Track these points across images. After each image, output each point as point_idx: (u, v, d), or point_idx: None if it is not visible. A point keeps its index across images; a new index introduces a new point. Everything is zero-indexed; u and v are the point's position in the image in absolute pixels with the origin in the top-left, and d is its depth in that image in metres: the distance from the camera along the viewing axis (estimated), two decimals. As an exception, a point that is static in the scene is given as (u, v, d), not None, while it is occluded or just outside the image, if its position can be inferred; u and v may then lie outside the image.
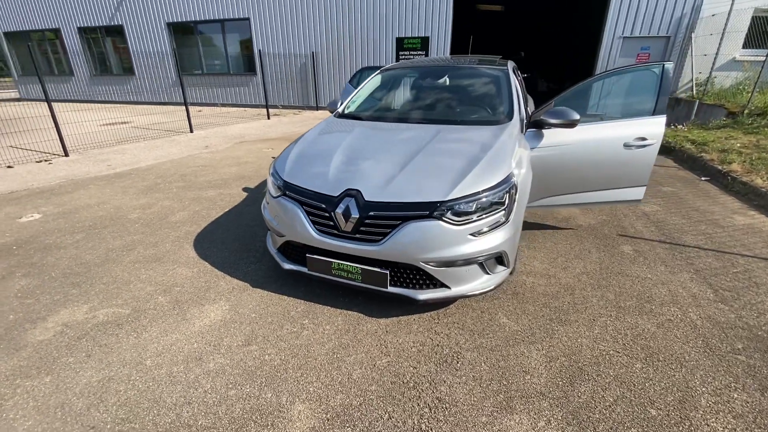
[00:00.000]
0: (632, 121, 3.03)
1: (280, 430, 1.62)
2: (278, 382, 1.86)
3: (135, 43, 14.25)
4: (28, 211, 4.15)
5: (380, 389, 1.81)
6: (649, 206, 4.13)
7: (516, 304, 2.44)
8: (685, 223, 3.69)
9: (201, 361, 2.00)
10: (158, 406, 1.74)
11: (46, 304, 2.50)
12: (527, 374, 1.89)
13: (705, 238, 3.35)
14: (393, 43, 11.84)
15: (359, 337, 2.16)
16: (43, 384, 1.87)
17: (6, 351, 2.09)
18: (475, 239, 2.06)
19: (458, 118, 3.09)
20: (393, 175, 2.21)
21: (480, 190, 2.09)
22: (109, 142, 7.95)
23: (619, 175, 3.11)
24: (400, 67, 3.78)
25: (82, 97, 15.89)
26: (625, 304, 2.44)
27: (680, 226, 3.60)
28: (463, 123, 2.90)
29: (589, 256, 3.06)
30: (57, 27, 14.99)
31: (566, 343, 2.10)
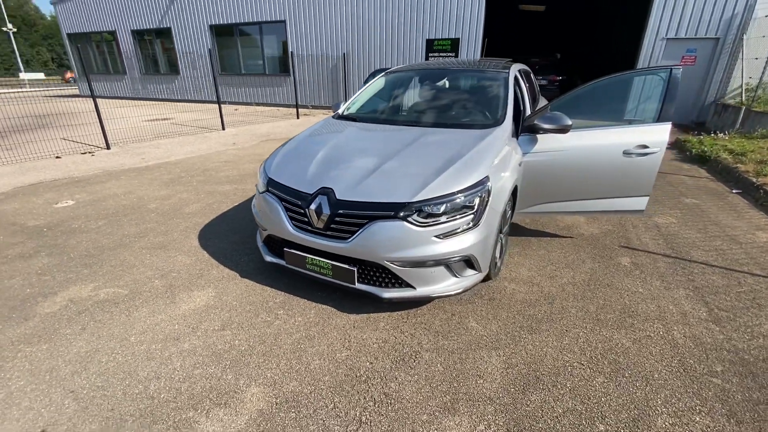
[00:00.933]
0: (633, 127, 2.91)
1: (231, 409, 1.73)
2: (241, 366, 1.98)
3: (181, 44, 15.18)
4: (64, 197, 4.58)
5: (333, 380, 1.88)
6: (664, 218, 3.90)
7: (489, 310, 2.43)
8: (699, 237, 3.46)
9: (178, 341, 2.17)
10: (130, 378, 1.91)
11: (60, 281, 2.78)
12: (481, 378, 1.89)
13: (716, 255, 3.13)
14: (423, 44, 11.84)
15: (326, 330, 2.24)
16: (40, 350, 2.10)
17: (17, 320, 2.35)
18: (440, 241, 2.08)
19: (448, 121, 3.09)
20: (366, 175, 2.27)
21: (448, 193, 2.11)
22: (149, 136, 8.54)
23: (618, 184, 2.99)
24: (404, 70, 3.83)
25: (133, 95, 17.14)
26: (605, 317, 2.35)
27: (692, 241, 3.39)
28: (452, 126, 2.90)
29: (581, 266, 2.96)
30: (113, 29, 16.27)
31: (530, 352, 2.07)
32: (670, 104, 2.84)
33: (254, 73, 14.54)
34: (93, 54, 17.83)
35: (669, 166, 5.95)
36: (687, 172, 5.68)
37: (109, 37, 16.73)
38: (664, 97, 2.86)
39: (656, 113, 2.90)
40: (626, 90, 3.26)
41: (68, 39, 17.73)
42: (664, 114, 2.86)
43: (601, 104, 3.32)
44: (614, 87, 3.14)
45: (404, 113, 3.37)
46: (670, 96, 2.84)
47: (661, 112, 2.87)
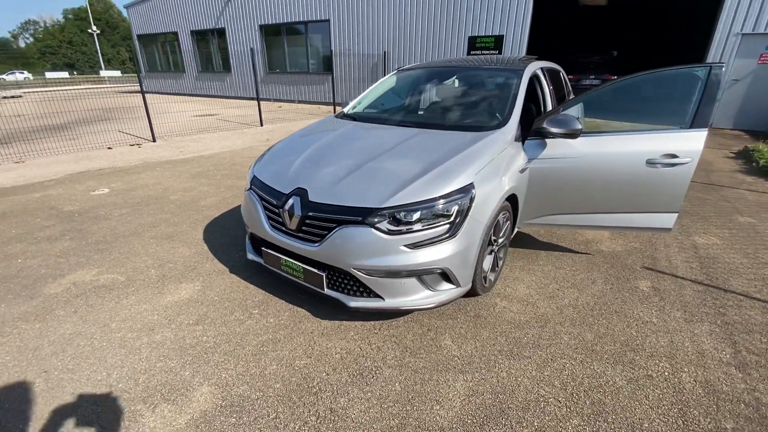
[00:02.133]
0: (660, 134, 2.55)
1: (177, 406, 1.73)
2: (200, 364, 1.98)
3: (233, 43, 15.98)
4: (102, 186, 4.96)
5: (283, 389, 1.82)
6: (706, 238, 3.42)
7: (470, 328, 2.24)
8: (745, 263, 2.98)
9: (152, 332, 2.22)
10: (98, 363, 1.98)
11: (71, 264, 2.98)
12: (438, 404, 1.73)
13: (762, 286, 2.67)
14: (465, 42, 11.49)
15: (293, 335, 2.19)
16: (32, 329, 2.24)
17: (24, 298, 2.54)
18: (408, 251, 1.94)
19: (446, 122, 2.92)
20: (343, 177, 2.18)
21: (422, 200, 1.97)
22: (193, 131, 9.06)
23: (640, 198, 2.64)
24: (416, 68, 3.67)
25: (190, 92, 18.34)
26: (602, 349, 2.07)
27: (735, 267, 2.93)
28: (449, 128, 2.72)
29: (589, 287, 2.65)
30: (176, 30, 17.49)
31: (502, 380, 1.87)
32: (707, 108, 2.46)
33: (298, 71, 14.95)
34: (158, 53, 19.32)
35: (729, 179, 5.24)
36: (749, 186, 4.96)
37: (172, 38, 18.02)
38: (700, 100, 2.48)
39: (690, 118, 2.52)
40: (657, 90, 2.86)
41: (137, 40, 19.36)
42: (699, 119, 2.48)
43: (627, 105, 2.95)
44: (643, 86, 2.78)
45: (404, 113, 3.23)
46: (707, 98, 2.45)
47: (696, 116, 2.49)
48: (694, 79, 2.53)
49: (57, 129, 9.38)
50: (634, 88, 2.75)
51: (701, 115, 2.47)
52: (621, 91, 2.79)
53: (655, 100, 2.94)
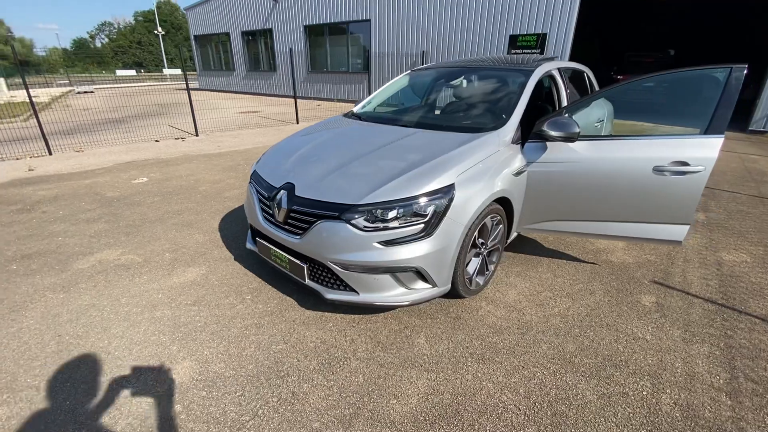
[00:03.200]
0: (671, 139, 2.39)
1: (156, 375, 1.90)
2: (188, 341, 2.15)
3: (279, 43, 16.65)
4: (143, 175, 5.42)
5: (255, 370, 1.94)
6: (735, 254, 3.13)
7: (447, 329, 2.24)
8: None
9: (154, 309, 2.44)
10: (103, 333, 2.21)
11: (101, 244, 3.32)
12: (394, 399, 1.77)
13: (786, 310, 2.42)
14: (505, 40, 11.18)
15: (277, 321, 2.31)
16: (57, 298, 2.54)
17: (57, 271, 2.88)
18: (382, 248, 1.99)
19: (444, 122, 2.91)
20: (329, 173, 2.27)
21: (399, 198, 2.00)
22: (233, 127, 9.59)
23: (646, 207, 2.50)
24: (428, 68, 3.67)
25: (238, 89, 19.35)
26: (580, 362, 2.00)
27: (760, 288, 2.67)
28: (445, 128, 2.71)
29: (585, 298, 2.54)
30: (228, 31, 18.52)
31: (466, 382, 1.86)
32: (725, 112, 2.27)
33: (339, 70, 15.28)
34: (212, 53, 20.56)
35: (783, 191, 4.73)
36: (807, 200, 4.45)
37: (225, 38, 19.10)
38: (717, 104, 2.29)
39: (705, 123, 2.34)
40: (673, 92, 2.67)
41: (194, 40, 20.72)
42: (715, 124, 2.29)
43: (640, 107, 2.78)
44: (657, 87, 2.61)
45: (406, 113, 3.26)
46: (725, 102, 2.27)
47: (712, 121, 2.30)
48: (712, 82, 2.34)
49: (116, 122, 10.32)
50: (648, 89, 2.59)
51: (718, 121, 2.28)
52: (634, 93, 2.63)
53: (671, 102, 2.74)
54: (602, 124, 3.88)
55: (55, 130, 9.11)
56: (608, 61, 14.36)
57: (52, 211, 4.07)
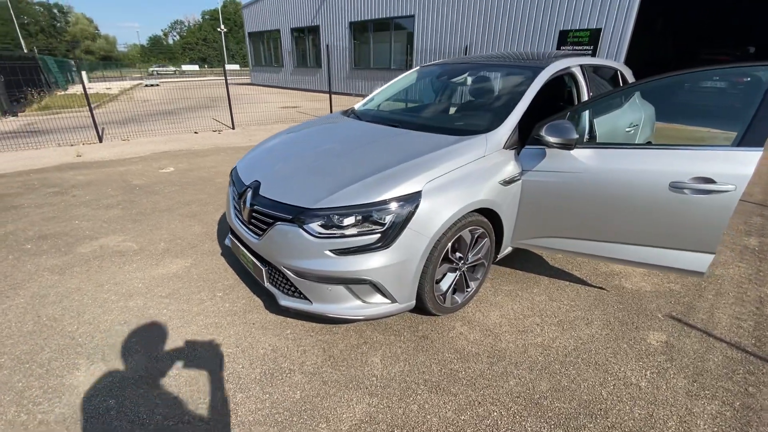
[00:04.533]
0: (693, 151, 2.01)
1: (108, 367, 1.91)
2: (146, 333, 2.16)
3: (325, 39, 16.91)
4: (171, 165, 5.69)
5: (193, 373, 1.89)
6: (787, 292, 2.61)
7: (408, 349, 2.05)
8: (831, 334, 2.20)
9: (129, 298, 2.49)
10: (76, 318, 2.29)
11: (108, 230, 3.49)
12: (324, 423, 1.63)
13: (839, 368, 1.95)
14: (555, 36, 10.44)
15: (236, 323, 2.25)
16: (51, 279, 2.69)
17: (61, 253, 3.06)
18: (334, 257, 1.85)
19: (434, 123, 2.69)
20: (294, 173, 2.16)
21: (356, 204, 1.85)
22: (270, 121, 9.85)
23: (660, 229, 2.13)
24: (435, 65, 3.44)
25: (286, 85, 19.97)
26: (550, 405, 1.73)
27: (810, 336, 2.18)
28: (434, 129, 2.49)
29: (578, 329, 2.22)
30: (278, 28, 19.14)
31: (409, 413, 1.68)
32: (765, 121, 1.85)
33: (381, 67, 15.21)
34: (263, 49, 21.39)
35: None
36: None
37: (276, 35, 19.76)
38: (757, 110, 1.88)
39: (740, 133, 1.93)
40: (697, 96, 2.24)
41: (248, 37, 21.66)
42: (753, 135, 1.88)
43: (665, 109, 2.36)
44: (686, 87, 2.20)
45: (401, 111, 3.06)
46: (767, 108, 1.85)
47: (749, 131, 1.89)
48: (753, 83, 1.92)
49: (168, 114, 11.02)
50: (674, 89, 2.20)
51: (756, 131, 1.87)
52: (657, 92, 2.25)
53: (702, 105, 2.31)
54: (637, 130, 3.43)
55: (113, 119, 9.93)
56: (682, 60, 12.93)
57: (81, 195, 4.37)
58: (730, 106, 2.91)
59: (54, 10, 61.65)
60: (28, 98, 11.62)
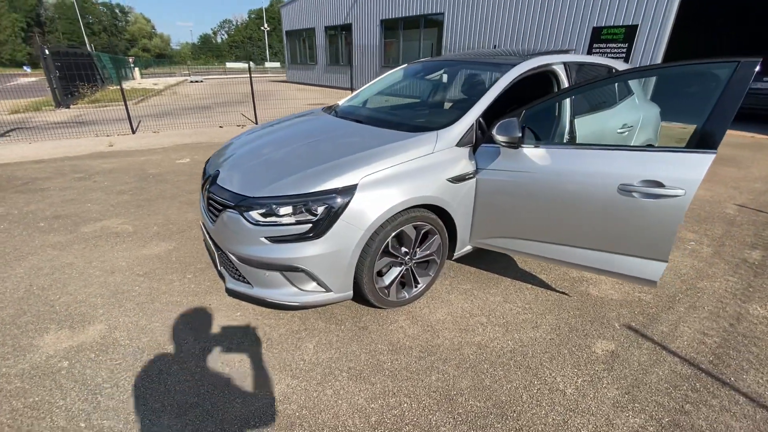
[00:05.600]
0: (645, 153, 1.91)
1: (72, 333, 2.13)
2: (114, 306, 2.36)
3: (357, 38, 17.12)
4: (189, 156, 6.05)
5: (144, 345, 2.06)
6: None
7: (344, 339, 2.11)
8: (806, 357, 2.02)
9: (111, 274, 2.73)
10: (61, 289, 2.54)
11: (114, 212, 3.80)
12: (240, 399, 1.73)
13: (800, 394, 1.79)
14: (587, 33, 9.97)
15: (195, 303, 2.41)
16: (51, 255, 2.99)
17: (68, 232, 3.38)
18: (269, 244, 1.94)
19: (395, 119, 2.71)
20: (248, 164, 2.28)
21: (292, 194, 1.94)
22: (292, 116, 10.14)
23: (611, 234, 2.05)
24: (420, 62, 3.44)
25: (319, 83, 20.41)
26: (464, 401, 1.72)
27: (780, 358, 2.01)
28: (392, 125, 2.51)
29: (524, 332, 2.18)
30: (313, 27, 19.59)
31: (323, 397, 1.74)
32: (721, 122, 1.73)
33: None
34: (299, 47, 21.97)
35: None
36: None
37: (311, 33, 20.24)
38: (711, 111, 1.76)
39: (694, 134, 1.82)
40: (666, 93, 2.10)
41: (285, 35, 22.34)
42: (706, 137, 1.77)
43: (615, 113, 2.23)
44: (638, 90, 2.09)
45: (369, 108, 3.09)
46: (724, 107, 1.73)
47: (703, 132, 1.78)
48: (711, 82, 1.80)
49: (202, 108, 11.65)
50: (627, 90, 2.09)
51: (710, 133, 1.76)
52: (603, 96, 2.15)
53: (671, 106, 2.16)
54: (632, 132, 3.26)
55: (153, 112, 10.65)
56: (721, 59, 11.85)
57: (101, 181, 4.78)
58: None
59: (116, 10, 66.86)
60: (80, 92, 12.70)
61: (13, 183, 4.68)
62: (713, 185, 4.79)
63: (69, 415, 1.64)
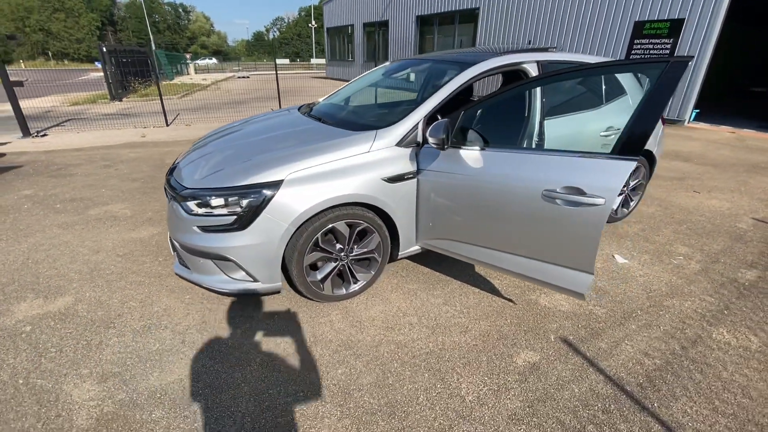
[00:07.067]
0: (570, 158, 1.82)
1: (44, 302, 2.41)
2: (86, 282, 2.63)
3: (393, 34, 17.14)
4: (206, 147, 6.44)
5: (96, 317, 2.28)
6: (743, 338, 2.17)
7: (274, 329, 2.21)
8: (758, 392, 1.83)
9: (96, 253, 3.03)
10: (51, 263, 2.87)
11: (120, 198, 4.18)
12: (158, 371, 1.88)
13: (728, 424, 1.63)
14: (629, 29, 9.30)
15: (155, 283, 2.62)
16: (56, 233, 3.36)
17: (76, 214, 3.77)
18: (200, 233, 2.08)
19: (349, 118, 2.74)
20: (201, 157, 2.44)
21: (221, 187, 2.06)
22: (317, 112, 10.41)
23: (538, 242, 1.98)
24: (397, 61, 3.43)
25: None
26: (358, 397, 1.76)
27: (725, 386, 1.83)
28: (338, 124, 2.56)
29: (450, 336, 2.16)
30: (352, 23, 19.85)
31: (224, 377, 1.85)
32: (643, 126, 1.62)
33: (442, 61, 14.96)
34: (338, 44, 22.36)
35: None
36: None
37: (349, 30, 20.53)
38: (635, 114, 1.65)
39: (618, 140, 1.70)
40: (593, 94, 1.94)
41: (326, 32, 22.83)
42: (628, 143, 1.66)
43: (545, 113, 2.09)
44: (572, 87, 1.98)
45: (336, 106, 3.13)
46: (647, 112, 1.61)
47: (627, 137, 1.67)
48: (640, 83, 1.67)
49: (238, 103, 12.26)
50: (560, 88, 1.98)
51: (632, 139, 1.64)
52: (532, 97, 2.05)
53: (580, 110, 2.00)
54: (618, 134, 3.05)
55: (192, 106, 11.39)
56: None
57: (122, 169, 5.24)
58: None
59: (179, 9, 71.75)
60: (133, 87, 13.84)
61: (50, 168, 5.26)
62: (737, 196, 4.33)
63: (13, 372, 1.88)
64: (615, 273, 2.80)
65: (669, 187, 4.63)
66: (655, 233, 3.41)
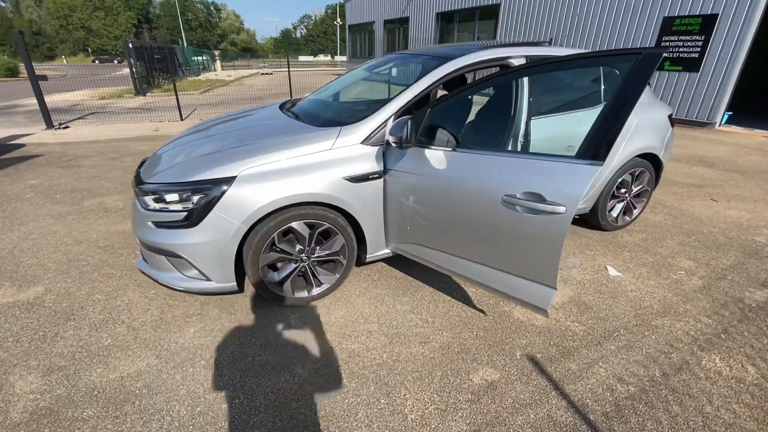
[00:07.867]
0: (532, 161, 1.66)
1: (16, 290, 2.45)
2: (62, 272, 2.66)
3: (413, 31, 16.94)
4: (213, 142, 6.52)
5: (61, 309, 2.30)
6: (732, 364, 1.94)
7: (228, 329, 2.16)
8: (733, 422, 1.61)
9: (79, 244, 3.07)
10: (35, 252, 2.93)
11: (117, 190, 4.26)
12: (102, 367, 1.86)
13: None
14: (657, 25, 8.77)
15: (125, 276, 2.63)
16: (47, 223, 3.45)
17: (71, 204, 3.87)
18: (154, 228, 2.05)
19: (321, 114, 2.64)
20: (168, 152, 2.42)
21: (174, 182, 2.02)
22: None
23: (499, 251, 1.83)
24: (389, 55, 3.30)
25: (375, 75, 20.60)
26: (296, 413, 1.67)
27: (706, 423, 1.63)
28: (309, 120, 2.48)
29: (407, 347, 2.03)
30: (373, 20, 19.76)
31: (170, 378, 1.81)
32: (613, 126, 1.44)
33: (462, 59, 14.64)
34: (360, 41, 22.33)
35: None
36: None
37: (370, 27, 20.45)
38: (604, 113, 1.47)
39: (583, 142, 1.53)
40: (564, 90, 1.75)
41: (348, 29, 22.84)
42: (592, 146, 1.49)
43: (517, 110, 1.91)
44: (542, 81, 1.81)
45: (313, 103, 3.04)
46: (616, 110, 1.44)
47: (593, 139, 1.50)
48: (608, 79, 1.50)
49: (256, 99, 12.41)
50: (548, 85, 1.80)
51: (599, 140, 1.47)
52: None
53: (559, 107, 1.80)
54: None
55: (211, 101, 11.63)
56: None
57: (127, 161, 5.36)
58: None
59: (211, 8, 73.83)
60: (157, 82, 14.27)
61: (61, 159, 5.45)
62: (760, 206, 3.96)
63: (-34, 360, 1.90)
64: (604, 286, 2.59)
65: (684, 194, 4.30)
66: (658, 244, 3.15)
